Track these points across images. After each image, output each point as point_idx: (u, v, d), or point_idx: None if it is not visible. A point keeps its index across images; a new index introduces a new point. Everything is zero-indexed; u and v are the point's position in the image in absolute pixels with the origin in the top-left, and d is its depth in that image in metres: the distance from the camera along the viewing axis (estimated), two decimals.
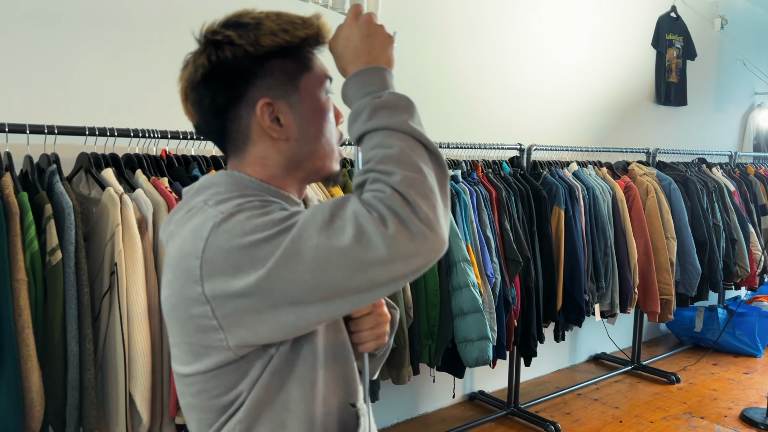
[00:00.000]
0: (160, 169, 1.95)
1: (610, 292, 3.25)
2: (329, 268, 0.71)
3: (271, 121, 0.86)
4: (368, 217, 0.71)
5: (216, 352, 0.81)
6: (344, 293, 0.73)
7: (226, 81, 0.85)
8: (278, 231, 0.74)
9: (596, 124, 4.01)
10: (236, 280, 0.74)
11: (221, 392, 0.83)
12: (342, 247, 0.70)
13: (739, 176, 4.40)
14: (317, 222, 0.72)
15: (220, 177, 0.88)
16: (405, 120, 0.79)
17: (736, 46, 5.13)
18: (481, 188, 2.72)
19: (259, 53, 0.84)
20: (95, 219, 1.74)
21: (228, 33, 0.84)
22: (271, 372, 0.83)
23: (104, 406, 1.73)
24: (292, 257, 0.72)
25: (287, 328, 0.78)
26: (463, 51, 3.20)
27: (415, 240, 0.71)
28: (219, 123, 0.88)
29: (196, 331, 0.80)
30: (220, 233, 0.76)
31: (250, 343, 0.80)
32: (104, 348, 1.71)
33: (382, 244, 0.70)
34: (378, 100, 0.81)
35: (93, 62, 2.07)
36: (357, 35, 0.86)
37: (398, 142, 0.77)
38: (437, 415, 3.29)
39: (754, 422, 3.20)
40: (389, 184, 0.73)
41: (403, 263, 0.72)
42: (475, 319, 2.47)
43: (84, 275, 1.64)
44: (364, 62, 0.85)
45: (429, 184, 0.74)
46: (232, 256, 0.74)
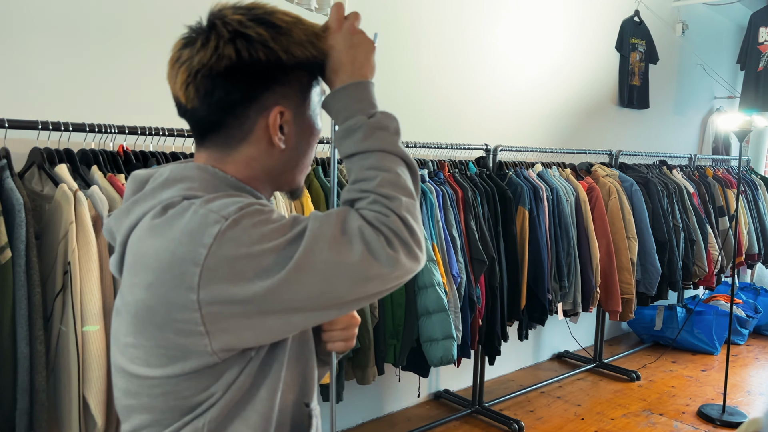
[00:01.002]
0: (117, 165, 1.89)
1: (573, 291, 3.29)
2: (336, 280, 0.75)
3: (278, 129, 0.85)
4: (375, 236, 0.76)
5: (196, 356, 0.78)
6: (339, 304, 0.78)
7: (249, 80, 0.82)
8: (286, 241, 0.75)
9: (561, 126, 4.05)
10: (237, 287, 0.74)
11: (191, 394, 0.81)
12: (351, 263, 0.75)
13: (698, 178, 4.51)
14: (327, 236, 0.75)
15: (192, 170, 0.83)
16: (396, 142, 0.85)
17: (696, 51, 5.25)
18: (447, 188, 2.72)
19: (290, 63, 0.83)
20: (48, 216, 1.68)
21: (260, 31, 0.81)
22: (247, 374, 0.82)
23: (56, 410, 1.67)
24: (303, 269, 0.74)
25: (272, 333, 0.80)
26: (430, 52, 3.20)
27: (411, 259, 0.78)
28: (221, 116, 0.84)
29: (176, 335, 0.77)
30: (226, 241, 0.74)
31: (234, 348, 0.79)
32: (57, 350, 1.65)
33: (387, 262, 0.76)
34: (373, 120, 0.84)
35: (47, 54, 2.00)
36: (341, 45, 0.86)
37: (393, 165, 0.82)
38: (402, 414, 3.28)
39: (711, 418, 3.28)
40: (391, 209, 0.78)
41: (398, 279, 0.78)
42: (440, 319, 2.47)
43: (35, 275, 1.59)
44: (349, 73, 0.86)
45: (417, 207, 0.82)
46: (237, 265, 0.74)
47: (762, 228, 4.86)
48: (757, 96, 4.83)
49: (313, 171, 2.37)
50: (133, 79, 2.16)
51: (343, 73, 0.86)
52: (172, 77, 0.84)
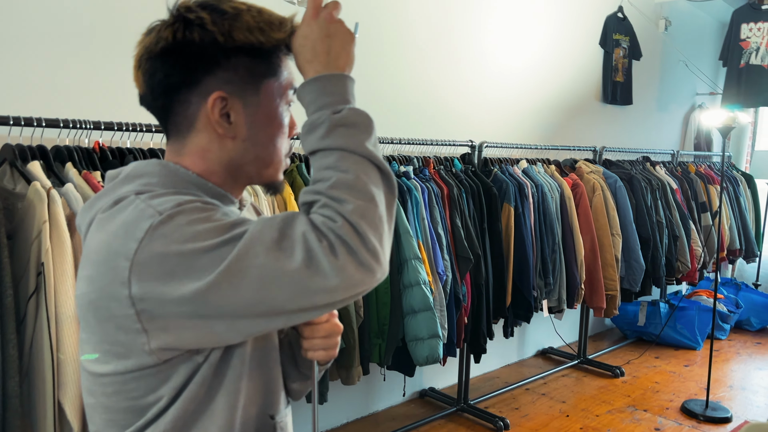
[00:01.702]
0: (93, 162, 1.83)
1: (558, 288, 3.28)
2: (273, 288, 0.70)
3: (221, 116, 0.83)
4: (317, 243, 0.70)
5: (136, 355, 0.77)
6: (282, 313, 0.73)
7: (186, 63, 0.81)
8: (221, 242, 0.71)
9: (545, 122, 4.04)
10: (168, 287, 0.71)
11: (140, 395, 0.80)
12: (289, 270, 0.70)
13: (681, 174, 4.53)
14: (266, 240, 0.71)
15: (153, 167, 0.83)
16: (362, 141, 0.77)
17: (679, 47, 5.27)
18: (432, 185, 2.69)
19: (228, 45, 0.81)
20: (20, 215, 1.62)
21: (202, 14, 0.80)
22: (200, 383, 0.80)
23: (30, 416, 1.61)
24: (235, 273, 0.70)
25: (217, 337, 0.76)
26: (416, 48, 3.16)
27: (361, 270, 0.72)
28: (165, 101, 0.84)
29: (117, 331, 0.76)
30: (157, 237, 0.72)
31: (174, 348, 0.77)
32: (30, 354, 1.59)
33: (330, 272, 0.70)
34: (337, 116, 0.78)
35: (19, 47, 1.93)
36: (316, 33, 0.81)
37: (353, 166, 0.75)
38: (388, 413, 3.26)
39: (694, 414, 3.30)
40: (341, 213, 0.72)
41: (346, 291, 0.72)
42: (425, 318, 2.44)
43: (7, 276, 1.53)
44: (323, 63, 0.81)
45: (379, 213, 0.74)
46: (167, 263, 0.71)
47: (743, 224, 4.90)
48: (739, 92, 4.86)
49: (296, 167, 2.32)
50: (109, 73, 2.10)
51: (318, 63, 0.81)
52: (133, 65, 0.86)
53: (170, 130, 0.87)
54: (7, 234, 1.57)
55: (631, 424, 3.20)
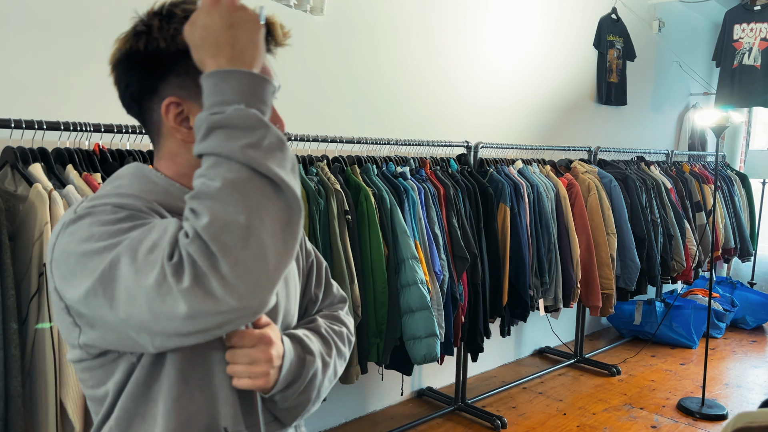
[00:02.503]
0: (93, 164, 1.85)
1: (554, 287, 3.31)
2: (135, 305, 0.66)
3: (180, 122, 0.82)
4: (167, 261, 0.64)
5: (75, 348, 0.80)
6: (152, 332, 0.68)
7: (139, 71, 0.82)
8: (106, 246, 0.69)
9: (540, 123, 4.07)
10: (71, 286, 0.72)
11: (93, 385, 0.84)
12: (144, 287, 0.65)
13: (675, 174, 4.57)
14: (137, 250, 0.67)
15: (127, 170, 0.86)
16: (242, 146, 0.67)
17: (672, 48, 5.31)
18: (429, 185, 2.72)
19: (172, 50, 0.79)
20: (22, 217, 1.64)
21: (152, 22, 0.81)
22: (137, 383, 0.81)
23: (33, 416, 1.63)
24: (107, 282, 0.68)
25: (131, 343, 0.73)
26: (412, 49, 3.19)
27: (211, 298, 0.63)
28: (135, 108, 0.86)
29: (62, 324, 0.79)
30: (66, 235, 0.74)
31: (99, 347, 0.78)
32: (32, 354, 1.61)
33: (177, 296, 0.63)
34: (215, 117, 0.69)
35: (20, 50, 1.95)
36: (218, 24, 0.73)
37: (226, 173, 0.66)
38: (385, 412, 3.27)
39: (691, 411, 3.33)
40: (194, 228, 0.65)
41: (198, 320, 0.64)
42: (423, 317, 2.46)
43: (9, 277, 1.54)
44: (228, 57, 0.72)
45: (251, 230, 0.64)
46: (70, 261, 0.73)
47: (738, 223, 4.94)
48: (733, 92, 4.90)
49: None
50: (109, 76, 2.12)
51: (222, 57, 0.72)
52: None
53: (149, 136, 0.89)
54: (9, 235, 1.59)
55: (628, 422, 3.22)
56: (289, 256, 0.68)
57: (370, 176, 2.54)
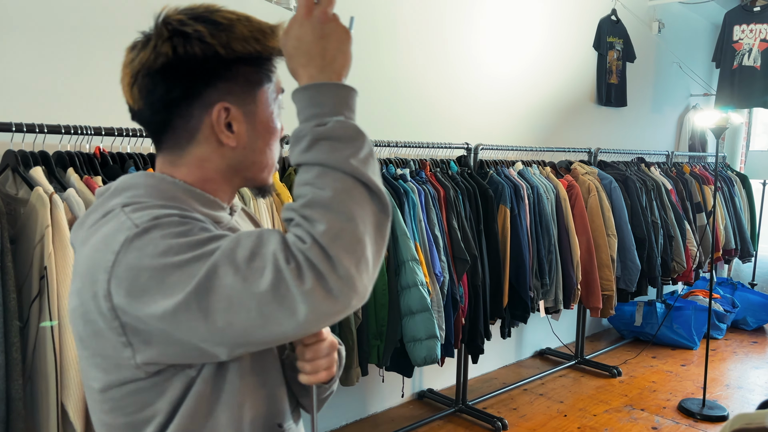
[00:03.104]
0: (94, 167, 1.86)
1: (554, 288, 3.31)
2: (241, 311, 0.67)
3: (224, 127, 0.83)
4: (285, 264, 0.66)
5: (125, 369, 0.76)
6: (252, 337, 0.69)
7: (187, 77, 0.81)
8: (193, 258, 0.69)
9: (540, 125, 4.08)
10: (142, 303, 0.70)
11: (135, 410, 0.79)
12: (256, 294, 0.66)
13: (675, 175, 4.57)
14: (236, 258, 0.68)
15: (140, 179, 0.83)
16: (347, 157, 0.72)
17: (672, 49, 5.32)
18: (429, 187, 2.72)
19: (230, 57, 0.81)
20: (23, 220, 1.64)
21: (198, 28, 0.80)
22: (196, 398, 0.79)
23: (34, 419, 1.63)
24: (204, 293, 0.68)
25: (200, 354, 0.74)
26: (411, 51, 3.19)
27: (330, 298, 0.67)
28: (165, 116, 0.83)
29: (106, 345, 0.76)
30: (132, 250, 0.71)
31: (160, 363, 0.76)
32: (33, 357, 1.61)
33: (297, 298, 0.66)
34: (320, 129, 0.73)
35: (21, 54, 1.96)
36: (310, 35, 0.77)
37: (333, 183, 0.70)
38: (386, 414, 3.27)
39: (691, 412, 3.33)
40: (311, 234, 0.68)
41: (313, 319, 0.68)
42: (423, 319, 2.46)
43: (10, 280, 1.55)
44: (318, 67, 0.77)
45: (358, 235, 0.69)
46: (140, 277, 0.70)
47: (738, 223, 4.94)
48: (732, 93, 4.90)
49: (294, 171, 2.35)
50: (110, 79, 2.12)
51: (313, 67, 0.77)
52: (122, 81, 0.85)
53: (165, 143, 0.86)
54: (10, 238, 1.59)
55: (629, 424, 3.22)
56: (381, 255, 0.74)
57: None
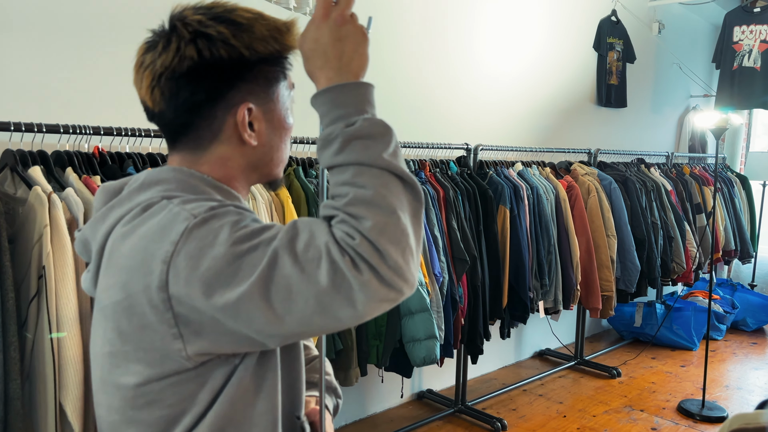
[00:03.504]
0: (93, 167, 1.85)
1: (554, 289, 3.31)
2: (300, 300, 0.69)
3: (246, 126, 0.84)
4: (340, 257, 0.68)
5: (172, 360, 0.76)
6: (309, 323, 0.71)
7: (212, 79, 0.81)
8: (251, 247, 0.70)
9: (540, 125, 4.08)
10: (202, 293, 0.70)
11: (176, 401, 0.78)
12: (314, 282, 0.68)
13: (675, 176, 4.56)
14: (294, 248, 0.69)
15: (168, 173, 0.83)
16: (380, 152, 0.74)
17: (672, 50, 5.31)
18: (428, 187, 2.72)
19: (253, 58, 0.82)
20: (21, 219, 1.64)
21: (221, 29, 0.80)
22: (237, 385, 0.79)
23: (32, 418, 1.63)
24: (265, 283, 0.69)
25: (252, 343, 0.75)
26: (412, 51, 3.19)
27: (385, 287, 0.69)
28: (188, 118, 0.83)
29: (152, 337, 0.75)
30: (192, 240, 0.71)
31: (211, 353, 0.77)
32: (32, 356, 1.61)
33: (356, 287, 0.68)
34: (351, 128, 0.74)
35: (19, 53, 1.96)
36: (327, 37, 0.78)
37: (371, 180, 0.72)
38: (385, 415, 3.27)
39: (691, 413, 3.32)
40: (359, 231, 0.70)
41: (370, 307, 0.70)
42: (422, 319, 2.46)
43: (8, 279, 1.55)
44: (335, 69, 0.78)
45: (401, 227, 0.71)
46: (201, 267, 0.70)
47: (738, 224, 4.94)
48: (732, 94, 4.90)
49: (293, 171, 2.35)
50: (109, 78, 2.12)
51: (330, 70, 0.78)
52: (137, 82, 0.84)
53: (185, 143, 0.86)
54: (9, 238, 1.59)
55: (628, 425, 3.22)
56: (421, 240, 0.76)
57: None
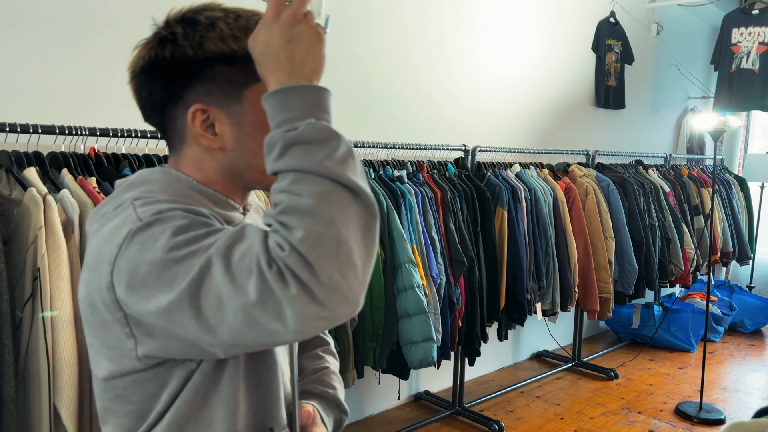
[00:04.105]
0: (88, 168, 1.85)
1: (552, 291, 3.30)
2: (229, 312, 0.66)
3: (205, 129, 0.83)
4: (268, 268, 0.65)
5: (128, 359, 0.78)
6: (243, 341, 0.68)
7: (164, 79, 0.82)
8: (189, 253, 0.68)
9: (538, 127, 4.07)
10: (141, 296, 0.71)
11: (140, 399, 0.81)
12: (241, 295, 0.65)
13: (673, 177, 4.56)
14: (228, 256, 0.67)
15: (156, 174, 0.84)
16: (321, 159, 0.68)
17: (671, 51, 5.31)
18: (426, 189, 2.71)
19: (200, 57, 0.80)
20: (16, 221, 1.63)
21: (176, 29, 0.80)
22: (194, 389, 0.80)
23: (26, 421, 1.62)
24: (195, 291, 0.67)
25: (200, 350, 0.73)
26: (409, 53, 3.19)
27: (316, 304, 0.65)
28: (157, 117, 0.86)
29: (111, 335, 0.77)
30: (134, 244, 0.72)
31: (160, 356, 0.77)
32: (26, 358, 1.60)
33: (283, 302, 0.64)
34: (291, 133, 0.70)
35: (14, 53, 1.95)
36: (278, 39, 0.73)
37: (309, 188, 0.67)
38: (383, 416, 3.26)
39: (688, 416, 3.32)
40: (289, 242, 0.65)
41: (304, 325, 0.66)
42: (419, 321, 2.46)
43: (3, 281, 1.54)
44: (286, 72, 0.73)
45: (341, 240, 0.66)
46: (140, 271, 0.70)
47: (736, 226, 4.94)
48: (731, 96, 4.90)
49: None
50: (105, 79, 2.11)
51: (280, 73, 0.73)
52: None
53: (169, 143, 0.88)
54: (3, 239, 1.58)
55: (626, 427, 3.22)
56: (372, 257, 0.70)
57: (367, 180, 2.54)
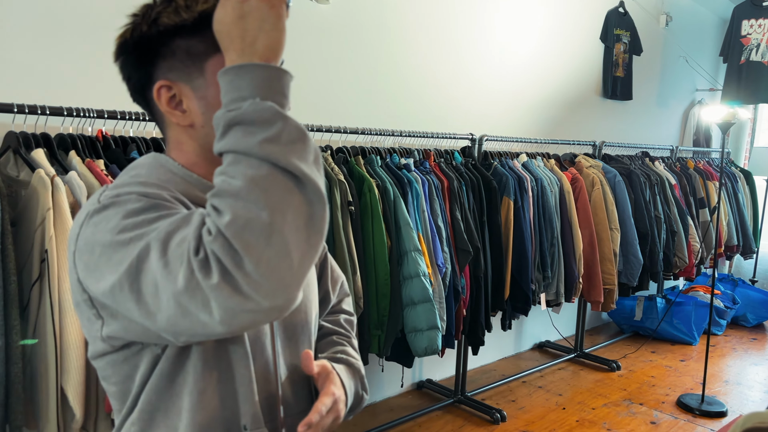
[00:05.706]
0: (96, 150, 1.84)
1: (556, 281, 3.30)
2: (163, 299, 0.64)
3: (174, 106, 0.81)
4: (194, 254, 0.62)
5: (98, 341, 0.79)
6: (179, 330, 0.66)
7: (133, 61, 0.82)
8: (135, 237, 0.67)
9: (546, 117, 4.05)
10: (94, 278, 0.71)
11: (118, 380, 0.82)
12: (171, 282, 0.63)
13: (679, 170, 4.54)
14: (167, 241, 0.65)
15: (146, 159, 0.85)
16: (260, 141, 0.64)
17: (679, 43, 5.27)
18: (433, 177, 2.70)
19: (154, 33, 0.78)
20: (24, 203, 1.63)
21: (138, 11, 0.81)
22: (160, 374, 0.80)
23: (33, 402, 1.63)
24: (134, 275, 0.66)
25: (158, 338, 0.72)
26: (417, 40, 3.16)
27: (239, 295, 0.61)
28: (142, 101, 0.86)
29: (82, 315, 0.78)
30: (90, 225, 0.73)
31: (122, 338, 0.77)
32: None
33: (207, 292, 0.61)
34: (231, 114, 0.67)
35: (23, 35, 1.94)
36: (229, 16, 0.71)
37: (244, 170, 0.64)
38: (385, 404, 3.28)
39: (690, 408, 3.32)
40: (216, 226, 0.62)
41: (231, 317, 0.62)
42: (425, 309, 2.46)
43: (11, 263, 1.54)
44: (238, 51, 0.70)
45: (274, 228, 0.62)
46: (94, 252, 0.71)
47: (741, 220, 4.92)
48: (739, 88, 4.87)
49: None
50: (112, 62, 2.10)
51: (233, 51, 0.70)
52: None
53: (158, 127, 0.88)
54: (11, 221, 1.58)
55: (627, 418, 3.22)
56: (315, 251, 0.66)
57: (374, 167, 2.53)
